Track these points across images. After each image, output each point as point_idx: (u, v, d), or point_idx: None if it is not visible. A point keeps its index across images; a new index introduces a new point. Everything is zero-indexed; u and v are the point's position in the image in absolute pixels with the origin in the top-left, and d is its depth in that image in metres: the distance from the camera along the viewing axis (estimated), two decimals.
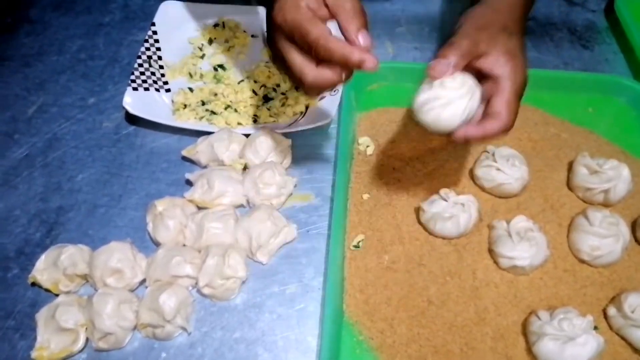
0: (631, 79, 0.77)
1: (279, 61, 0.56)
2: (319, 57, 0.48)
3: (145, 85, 0.72)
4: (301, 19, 0.48)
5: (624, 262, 0.60)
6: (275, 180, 0.63)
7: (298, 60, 0.50)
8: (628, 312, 0.54)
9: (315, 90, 0.51)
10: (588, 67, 0.81)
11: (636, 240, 0.62)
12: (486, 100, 0.53)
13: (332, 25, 0.50)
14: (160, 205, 0.61)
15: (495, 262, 0.60)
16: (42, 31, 0.84)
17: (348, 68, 0.49)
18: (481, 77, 0.53)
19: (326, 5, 0.50)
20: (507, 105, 0.52)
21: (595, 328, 0.54)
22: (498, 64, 0.53)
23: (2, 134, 0.72)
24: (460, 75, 0.51)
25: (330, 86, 0.51)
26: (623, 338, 0.55)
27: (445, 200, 0.61)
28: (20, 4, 0.88)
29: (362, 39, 0.48)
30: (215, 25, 0.81)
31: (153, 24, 0.78)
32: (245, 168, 0.67)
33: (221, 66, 0.77)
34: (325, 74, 0.49)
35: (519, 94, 0.54)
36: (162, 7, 0.80)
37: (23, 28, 0.85)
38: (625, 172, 0.63)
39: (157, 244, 0.61)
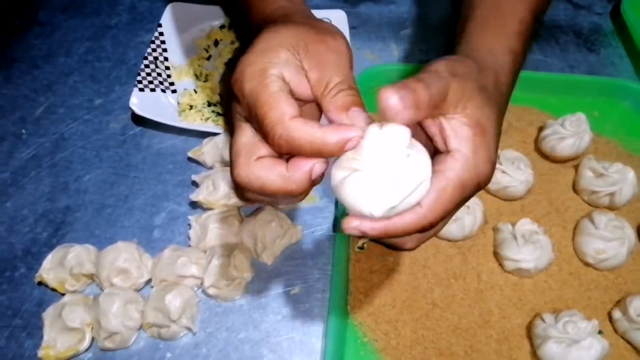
0: (637, 82, 0.77)
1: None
2: (276, 148, 0.34)
3: (152, 86, 0.73)
4: (261, 92, 0.34)
5: (629, 266, 0.60)
6: None
7: (241, 140, 0.36)
8: (633, 316, 0.54)
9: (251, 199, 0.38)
10: (594, 71, 0.80)
11: None
12: None
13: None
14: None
15: (500, 265, 0.60)
16: (50, 33, 0.85)
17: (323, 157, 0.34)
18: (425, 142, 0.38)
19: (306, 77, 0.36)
20: (436, 199, 0.35)
21: (600, 332, 0.53)
22: (457, 135, 0.37)
23: (11, 135, 0.73)
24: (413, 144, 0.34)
25: (269, 189, 0.35)
26: (628, 342, 0.55)
27: None
28: (29, 7, 0.89)
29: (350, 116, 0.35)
30: (222, 26, 0.81)
31: (159, 26, 0.78)
32: None
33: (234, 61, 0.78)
34: (261, 171, 0.35)
35: (463, 193, 0.37)
36: (169, 9, 0.80)
37: (32, 30, 0.85)
38: (630, 175, 0.62)
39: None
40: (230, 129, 0.39)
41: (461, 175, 0.36)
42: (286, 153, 0.35)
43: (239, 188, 0.37)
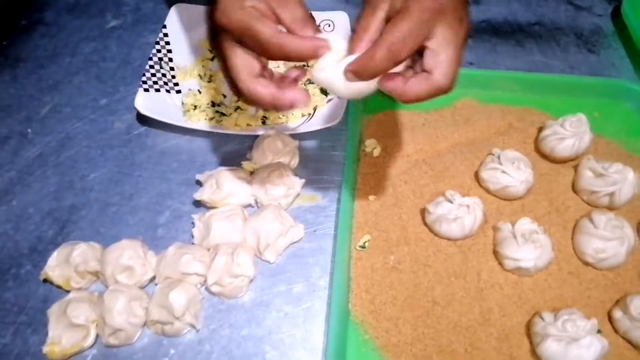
0: (637, 83, 0.77)
1: (221, 65, 0.50)
2: (273, 56, 0.45)
3: (157, 86, 0.74)
4: (249, 18, 0.45)
5: (628, 265, 0.60)
6: (283, 180, 0.64)
7: (237, 63, 0.46)
8: (635, 314, 0.54)
9: (249, 101, 0.48)
10: (594, 72, 0.81)
11: None
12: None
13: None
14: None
15: (500, 264, 0.61)
16: (56, 33, 0.86)
17: (303, 60, 0.47)
18: None
19: (273, 13, 0.47)
20: (445, 62, 0.44)
21: (599, 331, 0.54)
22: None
23: (17, 134, 0.73)
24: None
25: (262, 105, 0.47)
26: (629, 341, 0.55)
27: (451, 202, 0.62)
28: (35, 7, 0.90)
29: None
30: None
31: (164, 27, 0.79)
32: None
33: None
34: (260, 89, 0.46)
35: (459, 47, 0.45)
36: (173, 10, 0.81)
37: (38, 30, 0.86)
38: (630, 175, 0.63)
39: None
40: (219, 54, 0.48)
41: (450, 44, 0.44)
42: (278, 58, 0.45)
43: (241, 95, 0.48)
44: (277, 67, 0.74)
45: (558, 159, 0.68)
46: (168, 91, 0.74)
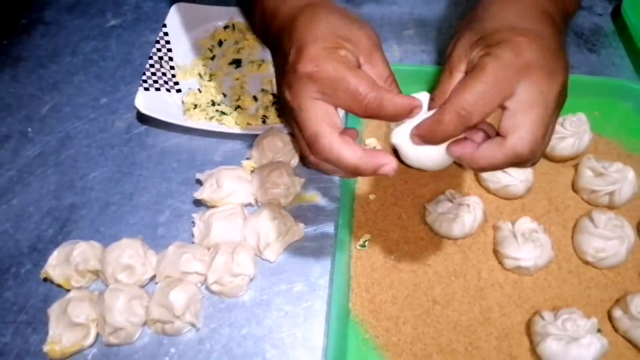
0: (638, 82, 0.77)
1: (287, 115, 0.44)
2: (365, 112, 0.41)
3: (157, 85, 0.74)
4: (345, 68, 0.40)
5: (628, 264, 0.60)
6: (283, 180, 0.64)
7: (318, 116, 0.41)
8: (635, 314, 0.54)
9: (326, 160, 0.41)
10: (595, 71, 0.81)
11: None
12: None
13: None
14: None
15: (500, 263, 0.61)
16: (56, 33, 0.86)
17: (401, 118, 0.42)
18: None
19: (359, 67, 0.43)
20: (524, 125, 0.39)
21: (599, 330, 0.54)
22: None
23: (17, 133, 0.73)
24: None
25: (342, 167, 0.41)
26: (629, 340, 0.55)
27: (451, 201, 0.62)
28: (35, 6, 0.90)
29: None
30: (226, 27, 0.82)
31: (164, 26, 0.79)
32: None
33: (237, 61, 0.78)
34: (345, 148, 0.40)
35: (547, 108, 0.39)
36: (173, 9, 0.81)
37: (38, 30, 0.86)
38: (630, 174, 0.63)
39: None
40: (292, 107, 0.42)
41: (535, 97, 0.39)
42: (370, 115, 0.41)
43: (315, 153, 0.41)
44: None
45: (558, 158, 0.68)
46: (168, 90, 0.74)
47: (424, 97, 0.44)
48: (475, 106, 0.38)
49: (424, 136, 0.41)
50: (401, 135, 0.43)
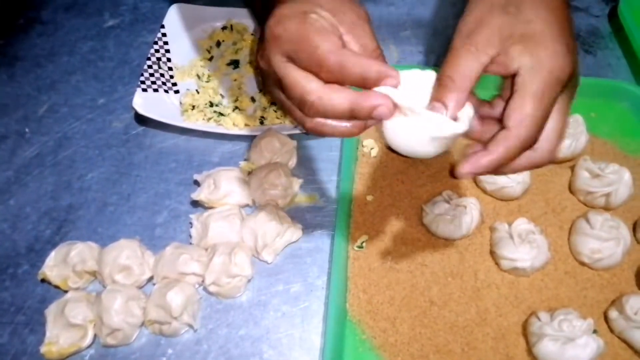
0: (634, 84, 0.78)
1: (270, 86, 0.43)
2: (329, 77, 0.39)
3: (155, 86, 0.74)
4: (308, 29, 0.39)
5: (624, 265, 0.61)
6: (280, 181, 0.64)
7: (299, 76, 0.39)
8: (631, 314, 0.54)
9: (321, 114, 0.39)
10: (591, 72, 0.81)
11: (638, 243, 0.62)
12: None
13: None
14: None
15: (497, 264, 0.61)
16: (53, 32, 0.86)
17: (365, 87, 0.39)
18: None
19: (339, 38, 0.40)
20: (519, 115, 0.39)
21: (595, 331, 0.54)
22: (508, 56, 0.40)
23: (14, 133, 0.73)
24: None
25: (338, 115, 0.39)
26: (624, 341, 0.56)
27: (448, 202, 0.62)
28: (33, 6, 0.89)
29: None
30: (224, 27, 0.82)
31: (162, 27, 0.79)
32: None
33: (235, 62, 0.79)
34: (335, 95, 0.38)
35: (543, 98, 0.39)
36: (171, 9, 0.81)
37: (35, 29, 0.86)
38: (626, 176, 0.63)
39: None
40: (267, 72, 0.42)
41: (531, 86, 0.39)
42: (335, 80, 0.39)
43: (309, 112, 0.39)
44: None
45: (555, 159, 0.68)
46: (166, 91, 0.74)
47: (430, 75, 0.41)
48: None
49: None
50: (391, 122, 0.40)
